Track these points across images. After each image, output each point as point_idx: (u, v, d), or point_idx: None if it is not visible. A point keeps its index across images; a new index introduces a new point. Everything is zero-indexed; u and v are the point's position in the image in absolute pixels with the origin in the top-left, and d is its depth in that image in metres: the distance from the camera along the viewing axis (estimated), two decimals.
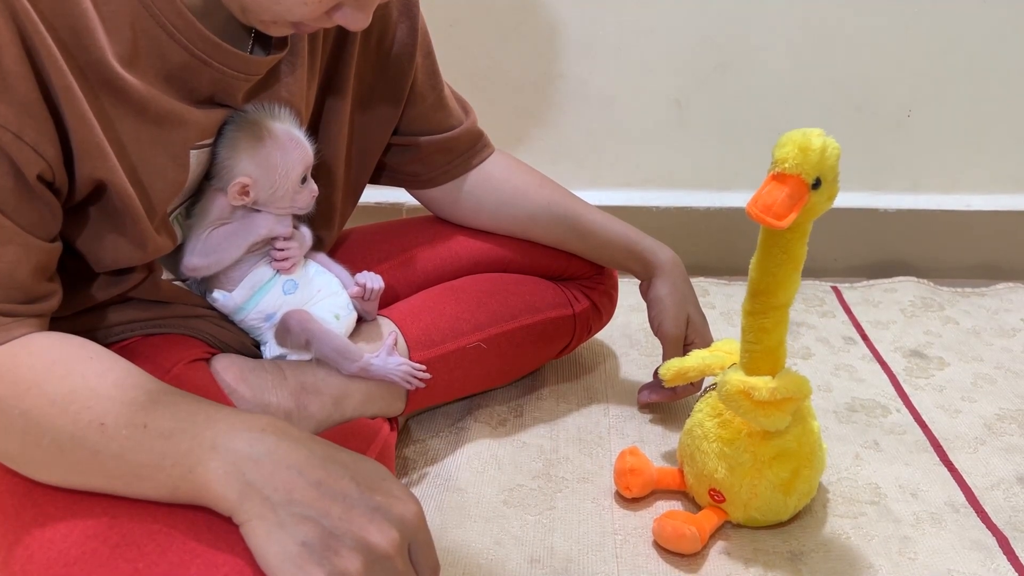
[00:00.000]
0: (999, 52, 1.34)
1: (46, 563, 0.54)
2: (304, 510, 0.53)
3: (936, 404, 1.07)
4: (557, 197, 1.00)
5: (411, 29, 0.88)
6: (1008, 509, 0.89)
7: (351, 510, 0.53)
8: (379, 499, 0.55)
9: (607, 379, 1.11)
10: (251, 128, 0.74)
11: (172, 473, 0.55)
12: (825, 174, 0.69)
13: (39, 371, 0.58)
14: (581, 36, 1.34)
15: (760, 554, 0.82)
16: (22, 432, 0.57)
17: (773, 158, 0.69)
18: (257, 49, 0.73)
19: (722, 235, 1.43)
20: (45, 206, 0.60)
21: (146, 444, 0.55)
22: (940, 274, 1.43)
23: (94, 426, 0.56)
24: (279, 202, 0.78)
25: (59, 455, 0.56)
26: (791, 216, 0.67)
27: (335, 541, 0.52)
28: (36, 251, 0.60)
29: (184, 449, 0.55)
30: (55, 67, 0.57)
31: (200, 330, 0.80)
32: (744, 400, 0.77)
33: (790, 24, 1.33)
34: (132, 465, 0.55)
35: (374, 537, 0.52)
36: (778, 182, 0.68)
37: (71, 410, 0.56)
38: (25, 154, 0.57)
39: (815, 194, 0.69)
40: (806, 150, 0.67)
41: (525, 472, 0.93)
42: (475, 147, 0.98)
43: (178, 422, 0.56)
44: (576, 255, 1.03)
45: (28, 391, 0.57)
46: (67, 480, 0.58)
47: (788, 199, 0.68)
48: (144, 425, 0.56)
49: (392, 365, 0.83)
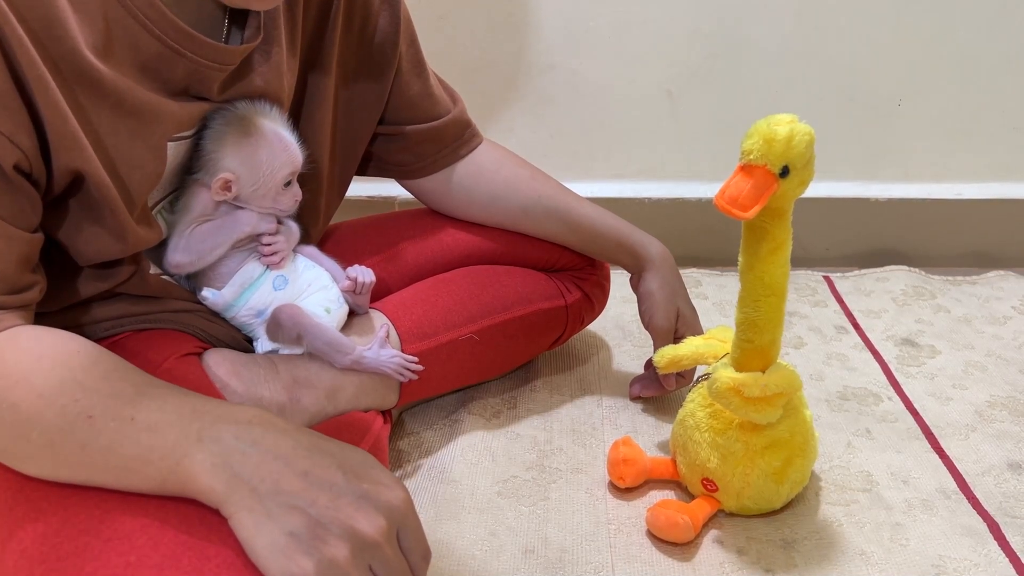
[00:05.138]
0: (989, 41, 1.34)
1: (39, 558, 0.54)
2: (291, 500, 0.53)
3: (927, 392, 1.07)
4: (548, 190, 1.00)
5: (393, 17, 0.88)
6: (999, 495, 0.89)
7: (338, 499, 0.53)
8: (366, 487, 0.55)
9: (600, 370, 1.11)
10: (239, 123, 0.73)
11: (160, 466, 0.55)
12: (793, 162, 0.69)
13: (26, 365, 0.58)
14: (572, 28, 1.34)
15: (753, 542, 0.83)
16: (11, 426, 0.57)
17: (741, 149, 0.70)
18: (232, 39, 0.73)
19: (714, 226, 1.43)
20: (24, 197, 0.60)
21: (133, 437, 0.55)
22: (931, 262, 1.43)
23: (82, 419, 0.56)
24: (260, 201, 0.77)
25: (48, 449, 0.56)
26: (756, 207, 0.68)
27: (322, 530, 0.52)
28: (18, 242, 0.60)
29: (171, 442, 0.55)
30: (27, 58, 0.57)
31: (191, 325, 0.80)
32: (735, 397, 0.77)
33: (781, 14, 1.33)
34: (120, 458, 0.55)
35: (361, 525, 0.53)
36: (745, 173, 0.69)
37: (59, 403, 0.56)
38: (0, 145, 0.57)
39: (784, 182, 0.70)
40: (771, 141, 0.68)
41: (519, 463, 0.93)
42: (463, 137, 0.98)
43: (165, 414, 0.56)
44: (567, 247, 1.03)
45: (16, 384, 0.57)
46: (57, 474, 0.58)
47: (753, 190, 0.68)
48: (131, 418, 0.56)
49: (385, 357, 0.84)
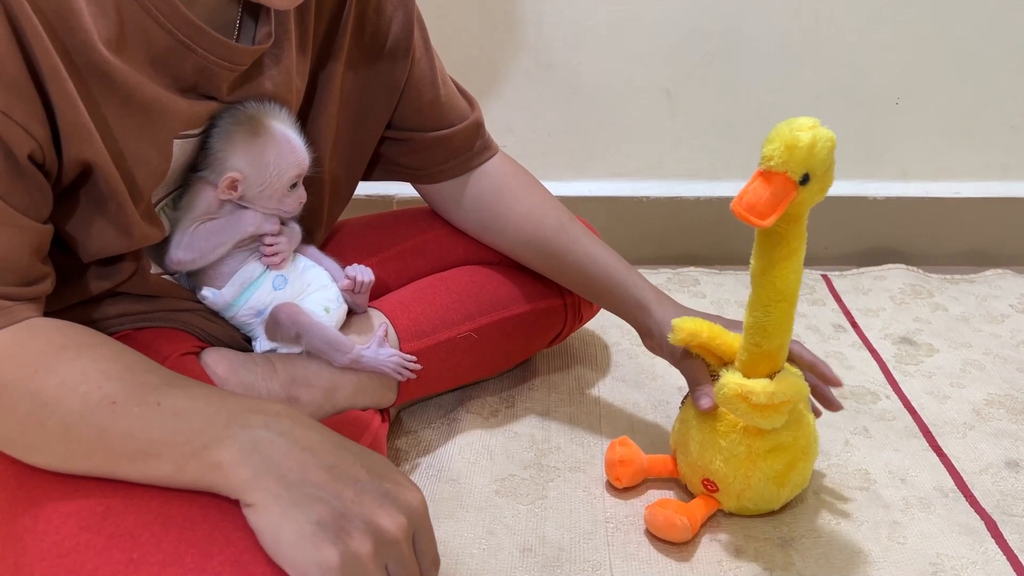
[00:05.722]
0: (987, 40, 1.34)
1: (40, 554, 0.54)
2: (317, 491, 0.53)
3: (925, 390, 1.07)
4: (563, 237, 0.94)
5: (406, 22, 0.87)
6: (996, 493, 0.89)
7: (362, 494, 0.54)
8: (388, 486, 0.55)
9: (598, 369, 1.11)
10: (248, 123, 0.73)
11: (183, 449, 0.55)
12: (814, 169, 0.67)
13: (49, 354, 0.58)
14: (570, 26, 1.34)
15: (751, 541, 0.83)
16: (26, 414, 0.57)
17: (761, 153, 0.68)
18: (243, 40, 0.73)
19: (712, 225, 1.43)
20: (37, 188, 0.60)
21: (158, 421, 0.56)
22: (929, 261, 1.44)
23: (105, 404, 0.56)
24: (266, 202, 0.77)
25: (63, 435, 0.56)
26: (774, 215, 0.66)
27: (348, 523, 0.52)
28: (31, 233, 0.60)
29: (197, 427, 0.55)
30: (42, 48, 0.57)
31: (190, 324, 0.80)
32: (741, 403, 0.77)
33: (780, 13, 1.33)
34: (140, 442, 0.56)
35: (384, 521, 0.53)
36: (764, 180, 0.67)
37: (81, 390, 0.56)
38: (15, 134, 0.57)
39: (804, 189, 0.68)
40: (793, 148, 0.66)
41: (517, 462, 0.93)
42: (473, 148, 0.95)
43: (192, 402, 0.57)
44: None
45: (36, 372, 0.57)
46: (66, 463, 0.58)
47: (772, 198, 0.66)
48: (157, 403, 0.56)
49: (383, 356, 0.84)
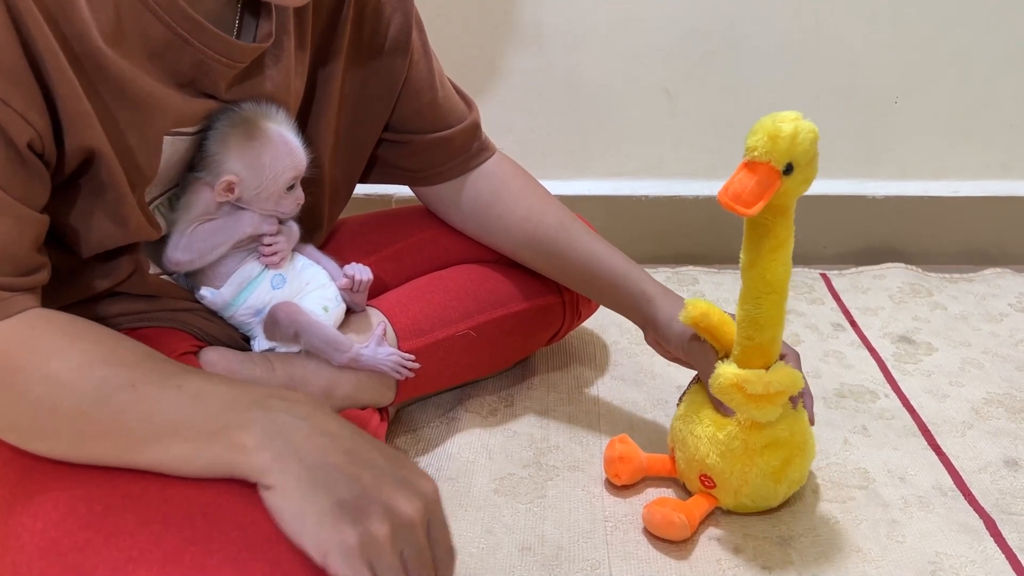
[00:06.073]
0: (986, 39, 1.34)
1: (38, 553, 0.54)
2: (337, 473, 0.54)
3: (924, 389, 1.07)
4: (564, 236, 0.94)
5: (405, 24, 0.86)
6: (995, 492, 0.89)
7: (380, 477, 0.55)
8: (404, 473, 0.56)
9: (597, 368, 1.11)
10: (244, 126, 0.73)
11: (201, 430, 0.55)
12: (797, 159, 0.69)
13: (63, 341, 0.58)
14: (569, 26, 1.34)
15: (749, 539, 0.83)
16: (39, 398, 0.57)
17: (745, 145, 0.70)
18: (243, 38, 0.72)
19: (712, 224, 1.43)
20: (36, 177, 0.60)
21: (178, 403, 0.56)
22: (928, 260, 1.44)
23: (124, 387, 0.56)
24: (263, 203, 0.77)
25: (78, 419, 0.56)
26: (759, 204, 0.68)
27: (367, 504, 0.53)
28: (29, 222, 0.60)
29: (218, 409, 0.56)
30: (41, 36, 0.57)
31: (188, 323, 0.80)
32: (737, 393, 0.78)
33: (779, 12, 1.33)
34: (159, 424, 0.56)
35: (402, 505, 0.53)
36: (748, 170, 0.69)
37: (98, 374, 0.57)
38: (14, 122, 0.56)
39: (788, 179, 0.70)
40: (775, 138, 0.68)
41: (516, 461, 0.93)
42: (471, 150, 0.94)
43: (213, 385, 0.58)
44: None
45: (52, 356, 0.57)
46: (75, 449, 0.58)
47: (757, 187, 0.69)
48: (178, 387, 0.57)
49: (382, 355, 0.84)
